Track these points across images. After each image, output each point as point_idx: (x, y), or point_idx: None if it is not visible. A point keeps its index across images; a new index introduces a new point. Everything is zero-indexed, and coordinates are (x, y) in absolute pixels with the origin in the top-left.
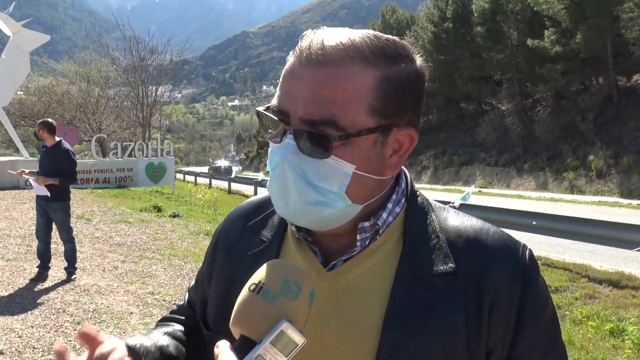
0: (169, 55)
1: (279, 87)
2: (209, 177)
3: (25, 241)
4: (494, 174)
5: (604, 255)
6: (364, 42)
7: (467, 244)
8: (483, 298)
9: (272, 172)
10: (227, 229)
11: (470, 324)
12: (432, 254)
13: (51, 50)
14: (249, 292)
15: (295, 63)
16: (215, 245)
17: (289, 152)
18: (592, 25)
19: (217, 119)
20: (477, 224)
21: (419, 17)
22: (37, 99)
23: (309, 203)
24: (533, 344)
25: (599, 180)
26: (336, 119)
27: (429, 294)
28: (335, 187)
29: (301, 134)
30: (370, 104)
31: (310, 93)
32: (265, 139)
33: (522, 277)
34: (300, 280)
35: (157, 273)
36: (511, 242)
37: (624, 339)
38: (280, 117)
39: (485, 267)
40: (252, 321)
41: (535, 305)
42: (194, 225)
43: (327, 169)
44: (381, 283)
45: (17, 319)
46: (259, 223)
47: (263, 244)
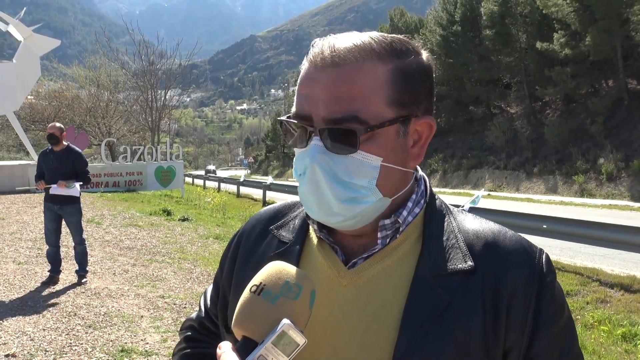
0: (178, 59)
1: (296, 95)
2: (218, 181)
3: (36, 244)
4: (503, 178)
5: (616, 259)
6: (373, 41)
7: (485, 245)
8: (500, 298)
9: (301, 177)
10: (247, 233)
11: (488, 323)
12: (450, 253)
13: (61, 55)
14: (250, 293)
15: (310, 69)
16: (235, 250)
17: (317, 152)
18: (601, 28)
19: (226, 123)
20: (495, 228)
21: (427, 20)
22: (48, 104)
23: (341, 200)
24: (549, 346)
25: (609, 183)
26: (358, 114)
27: (446, 293)
28: (366, 181)
29: (327, 133)
30: (388, 96)
31: (330, 93)
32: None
33: (538, 280)
34: (300, 281)
35: (167, 277)
36: (528, 246)
37: (637, 343)
38: (303, 121)
39: (502, 268)
40: (254, 322)
41: (552, 307)
42: (203, 229)
43: (355, 164)
44: (400, 281)
45: (29, 322)
46: (280, 227)
47: (285, 245)
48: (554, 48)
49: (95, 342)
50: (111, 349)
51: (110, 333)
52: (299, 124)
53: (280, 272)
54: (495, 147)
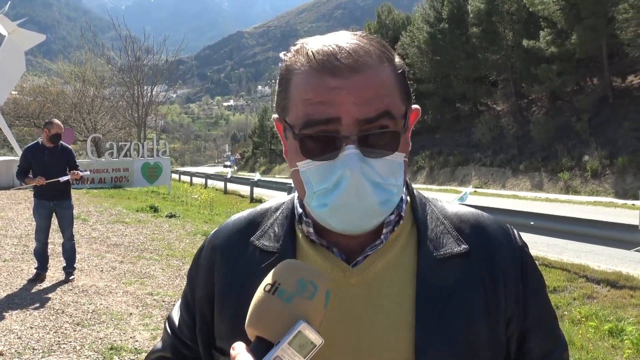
0: (165, 55)
1: (302, 104)
2: (205, 178)
3: (22, 241)
4: (490, 174)
5: (602, 256)
6: (372, 44)
7: (472, 228)
8: (496, 275)
9: (328, 190)
10: (221, 248)
11: (490, 299)
12: (443, 238)
13: (45, 50)
14: (265, 292)
15: (321, 76)
16: (209, 268)
17: (357, 161)
18: (587, 26)
19: (212, 119)
20: (472, 211)
21: (415, 17)
22: (32, 99)
23: (381, 204)
24: (541, 311)
25: (594, 180)
26: (390, 110)
27: (449, 274)
28: (396, 179)
29: (364, 138)
30: (400, 93)
31: (358, 97)
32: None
33: (520, 255)
34: (316, 280)
35: (155, 274)
36: (504, 225)
37: (623, 339)
38: (329, 128)
39: (492, 248)
40: (269, 322)
41: (534, 276)
42: (191, 226)
43: (389, 164)
44: (405, 271)
45: (16, 320)
46: (260, 237)
47: (274, 255)
48: (540, 46)
49: (84, 340)
50: (100, 346)
51: (99, 331)
52: (324, 132)
53: (294, 270)
54: (481, 144)
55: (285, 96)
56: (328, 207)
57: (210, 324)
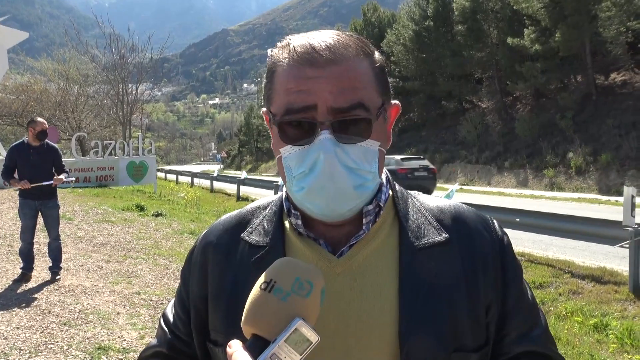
0: (149, 53)
1: (284, 92)
2: (191, 176)
3: (6, 241)
4: (475, 172)
5: (586, 251)
6: (351, 40)
7: (452, 219)
8: (476, 262)
9: (305, 173)
10: (213, 246)
11: (470, 285)
12: (424, 228)
13: (28, 48)
14: (261, 290)
15: (301, 67)
16: (203, 266)
17: (330, 145)
18: (570, 24)
19: (198, 117)
20: (452, 203)
21: (400, 15)
22: (15, 97)
23: (354, 188)
24: (519, 296)
25: (578, 177)
26: (363, 102)
27: (431, 262)
28: (370, 166)
29: (338, 124)
30: (377, 86)
31: (334, 86)
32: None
33: (499, 243)
34: (312, 278)
35: (142, 273)
36: (484, 216)
37: (608, 333)
38: (306, 115)
39: (472, 237)
40: (265, 320)
41: (513, 264)
42: (178, 225)
43: (362, 151)
44: (388, 260)
45: (1, 321)
46: (251, 233)
47: (263, 248)
48: (524, 44)
49: (71, 340)
50: (88, 346)
51: (87, 330)
52: (301, 119)
53: (290, 268)
54: (467, 142)
55: (270, 87)
56: (305, 190)
57: (204, 319)
